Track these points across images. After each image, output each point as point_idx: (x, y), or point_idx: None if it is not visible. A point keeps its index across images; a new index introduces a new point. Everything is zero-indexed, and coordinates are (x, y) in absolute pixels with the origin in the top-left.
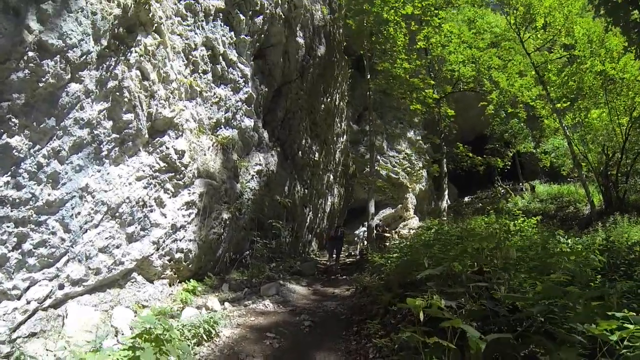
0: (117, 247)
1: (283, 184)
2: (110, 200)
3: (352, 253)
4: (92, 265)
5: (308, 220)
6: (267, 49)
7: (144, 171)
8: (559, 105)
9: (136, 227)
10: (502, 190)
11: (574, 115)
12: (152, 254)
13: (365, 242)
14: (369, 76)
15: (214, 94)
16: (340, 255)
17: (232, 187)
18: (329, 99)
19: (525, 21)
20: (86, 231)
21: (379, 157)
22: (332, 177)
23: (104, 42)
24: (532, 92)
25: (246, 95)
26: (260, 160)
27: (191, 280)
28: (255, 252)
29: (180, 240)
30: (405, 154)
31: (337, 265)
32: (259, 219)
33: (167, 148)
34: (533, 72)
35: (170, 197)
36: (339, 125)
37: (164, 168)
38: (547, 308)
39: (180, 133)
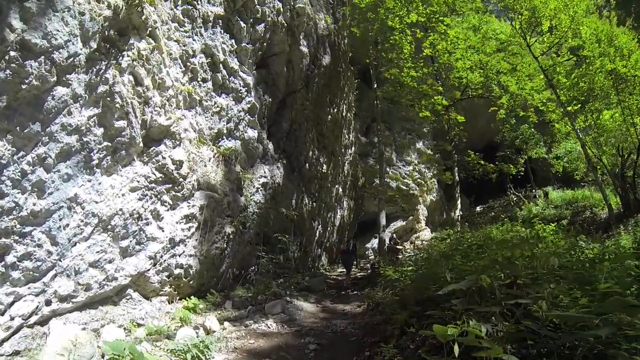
0: (110, 261)
1: (290, 197)
2: (101, 212)
3: (363, 267)
4: (82, 281)
5: (317, 234)
6: (270, 57)
7: (138, 182)
8: (569, 108)
9: (131, 241)
10: (515, 198)
11: (586, 117)
12: (148, 270)
13: (377, 255)
14: (375, 85)
15: (215, 103)
16: (352, 269)
17: (236, 200)
18: (335, 110)
19: (530, 25)
20: (75, 244)
21: (388, 168)
22: (341, 189)
23: (94, 45)
24: (542, 95)
25: (249, 105)
26: (265, 172)
27: (192, 297)
28: (261, 267)
29: (180, 256)
30: (415, 164)
31: (348, 280)
32: (265, 233)
33: (164, 158)
34: (542, 76)
35: (168, 210)
36: (346, 136)
37: (160, 179)
38: (616, 328)
39: (178, 142)
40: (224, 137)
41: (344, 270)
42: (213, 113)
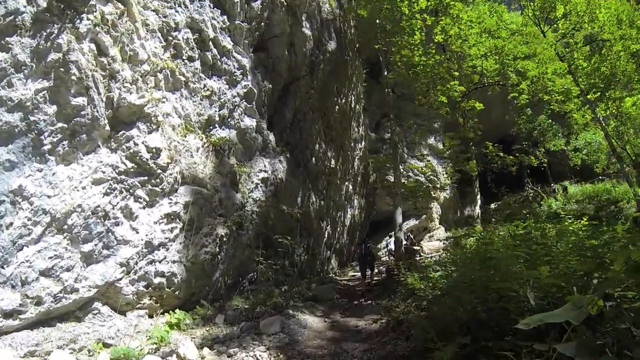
0: (68, 269)
1: (295, 195)
2: (55, 209)
3: (378, 271)
4: (31, 293)
5: (326, 235)
6: (270, 40)
7: (104, 172)
8: (590, 96)
9: (95, 245)
10: (533, 193)
11: (606, 105)
12: (119, 279)
13: (393, 257)
14: (385, 72)
15: (205, 86)
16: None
17: (230, 197)
18: (343, 100)
19: (544, 12)
20: (22, 248)
21: (400, 165)
22: (351, 186)
23: (43, 3)
24: (565, 80)
25: (245, 90)
26: (265, 166)
27: (177, 310)
28: (261, 274)
29: (160, 262)
30: (427, 161)
31: (363, 287)
32: (267, 235)
33: (136, 144)
34: (559, 64)
35: (143, 207)
36: (355, 129)
37: (132, 170)
38: None
39: (155, 127)
40: (216, 126)
41: (357, 273)
42: (202, 97)
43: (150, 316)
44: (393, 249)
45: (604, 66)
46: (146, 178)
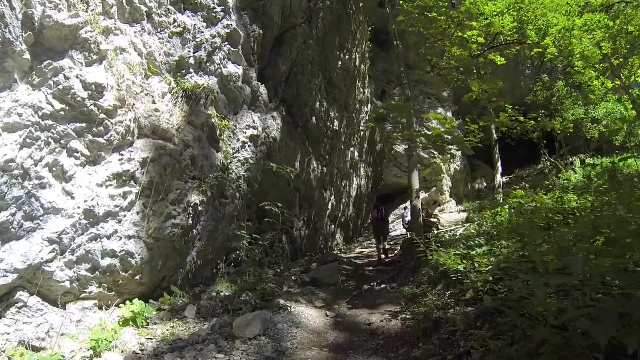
0: None
1: (292, 159)
2: None
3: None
4: None
5: (329, 207)
6: None
7: (20, 116)
8: (615, 61)
9: (13, 215)
10: (550, 165)
11: (630, 72)
12: (49, 261)
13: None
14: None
15: (175, 21)
16: (384, 247)
17: (208, 156)
18: (347, 57)
19: None
20: None
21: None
22: (357, 153)
23: None
24: (596, 35)
25: (228, 31)
26: (254, 121)
27: (135, 301)
28: (249, 253)
29: (110, 238)
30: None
31: (383, 258)
32: (259, 206)
33: (68, 79)
34: (590, 16)
35: (82, 165)
36: (361, 90)
37: (64, 113)
38: None
39: (97, 59)
40: (192, 70)
41: (365, 250)
42: (172, 34)
43: (102, 308)
44: (409, 221)
45: (632, 25)
46: (84, 125)
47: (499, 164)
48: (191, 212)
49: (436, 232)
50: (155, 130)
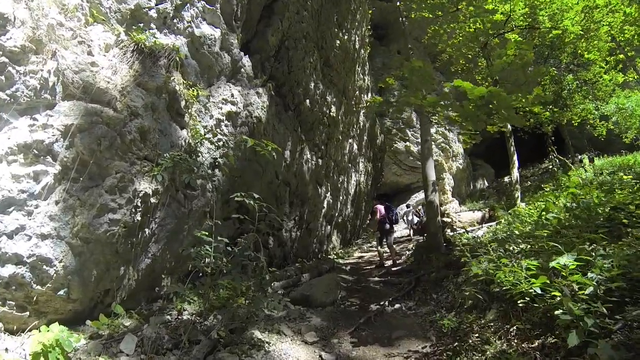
0: None
1: (281, 145)
2: None
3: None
4: None
5: (325, 205)
6: None
7: None
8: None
9: None
10: (559, 163)
11: None
12: None
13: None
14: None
15: None
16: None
17: (166, 132)
18: (346, 36)
19: None
20: None
21: (408, 130)
22: (355, 145)
23: None
24: (617, 18)
25: None
26: (233, 96)
27: (52, 326)
28: (220, 261)
29: (12, 237)
30: (437, 127)
31: (391, 263)
32: (239, 201)
33: None
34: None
35: None
36: (361, 76)
37: None
38: None
39: None
40: (153, 25)
41: (365, 254)
42: None
43: (13, 333)
44: (415, 222)
45: None
46: None
47: (515, 156)
48: (139, 204)
49: (451, 233)
50: (88, 90)
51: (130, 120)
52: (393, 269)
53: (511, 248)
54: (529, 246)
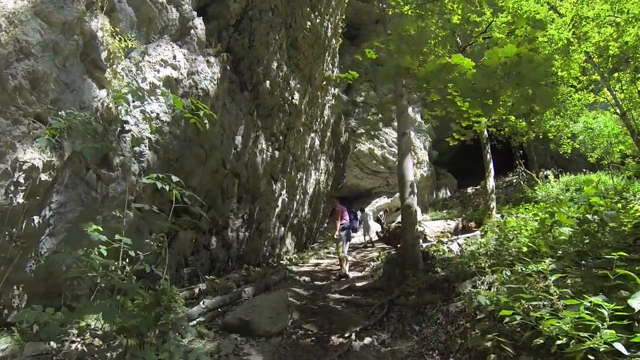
0: None
1: (232, 129)
2: None
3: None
4: None
5: (280, 204)
6: None
7: None
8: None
9: None
10: (526, 177)
11: (622, 86)
12: None
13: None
14: None
15: None
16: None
17: (73, 86)
18: (318, 20)
19: None
20: None
21: (373, 132)
22: (317, 141)
23: None
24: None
25: None
26: (176, 58)
27: None
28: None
29: None
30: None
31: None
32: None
33: None
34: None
35: None
36: (330, 66)
37: None
38: None
39: None
40: None
41: (322, 261)
42: None
43: None
44: (380, 230)
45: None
46: None
47: (491, 164)
48: (22, 181)
49: (423, 244)
50: None
51: (18, 61)
52: (357, 284)
53: (521, 269)
54: (549, 266)
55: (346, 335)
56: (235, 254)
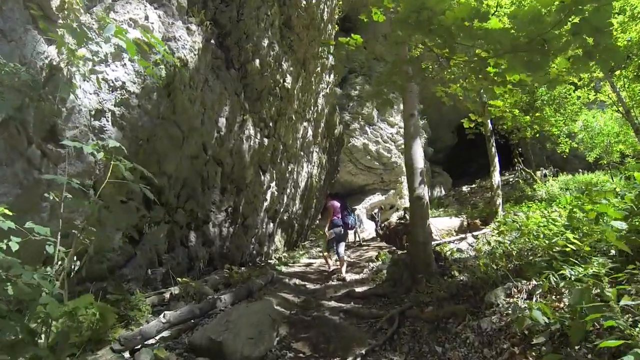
0: None
1: (215, 109)
2: None
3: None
4: None
5: (269, 197)
6: None
7: None
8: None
9: None
10: (525, 176)
11: (624, 84)
12: None
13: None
14: None
15: None
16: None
17: (12, 36)
18: (314, 0)
19: None
20: None
21: (367, 128)
22: (310, 131)
23: None
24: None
25: None
26: (148, 19)
27: None
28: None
29: None
30: (399, 127)
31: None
32: (148, 179)
33: None
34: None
35: None
36: (325, 53)
37: None
38: None
39: None
40: None
41: (315, 260)
42: None
43: None
44: (377, 227)
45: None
46: None
47: (496, 159)
48: None
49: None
50: None
51: None
52: (357, 289)
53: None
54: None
55: (349, 359)
56: (218, 252)
